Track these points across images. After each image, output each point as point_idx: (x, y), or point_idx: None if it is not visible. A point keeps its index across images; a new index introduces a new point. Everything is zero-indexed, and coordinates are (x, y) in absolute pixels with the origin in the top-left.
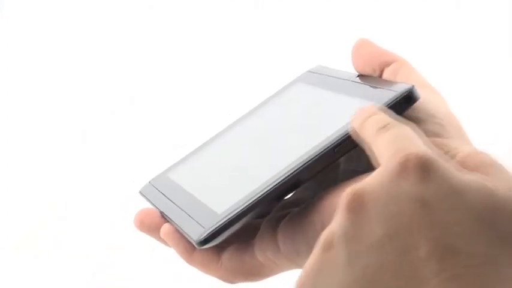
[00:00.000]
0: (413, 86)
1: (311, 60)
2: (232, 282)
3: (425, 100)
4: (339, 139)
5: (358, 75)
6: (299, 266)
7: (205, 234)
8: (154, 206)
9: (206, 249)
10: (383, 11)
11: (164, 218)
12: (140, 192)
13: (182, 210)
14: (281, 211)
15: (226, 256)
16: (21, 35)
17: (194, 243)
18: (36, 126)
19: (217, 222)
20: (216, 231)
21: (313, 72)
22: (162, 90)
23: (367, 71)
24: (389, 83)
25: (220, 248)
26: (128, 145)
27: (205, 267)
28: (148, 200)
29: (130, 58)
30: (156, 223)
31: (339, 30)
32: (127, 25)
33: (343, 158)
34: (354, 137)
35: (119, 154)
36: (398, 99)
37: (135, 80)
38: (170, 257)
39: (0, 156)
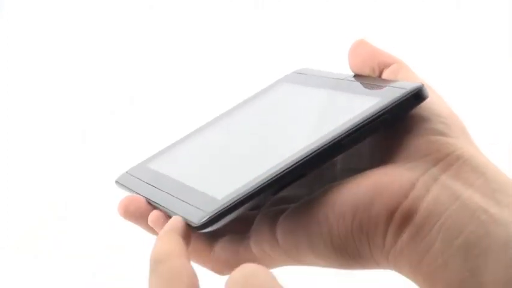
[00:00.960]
0: (422, 84)
1: (311, 60)
2: (223, 273)
3: (429, 100)
4: (348, 131)
5: (355, 75)
6: (296, 261)
7: (206, 217)
8: (137, 193)
9: (198, 238)
10: (383, 11)
11: (151, 204)
12: (117, 182)
13: (172, 196)
14: (277, 206)
15: (219, 246)
16: (21, 35)
17: (193, 227)
18: (36, 126)
19: (219, 206)
20: (219, 215)
21: (301, 74)
22: (162, 90)
23: (365, 70)
24: (393, 81)
25: (213, 239)
26: (128, 145)
27: (196, 256)
28: (128, 188)
29: (131, 58)
30: (142, 210)
31: (339, 30)
32: (127, 25)
33: (342, 157)
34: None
35: (119, 154)
36: (408, 96)
37: (135, 80)
38: None
39: (0, 156)
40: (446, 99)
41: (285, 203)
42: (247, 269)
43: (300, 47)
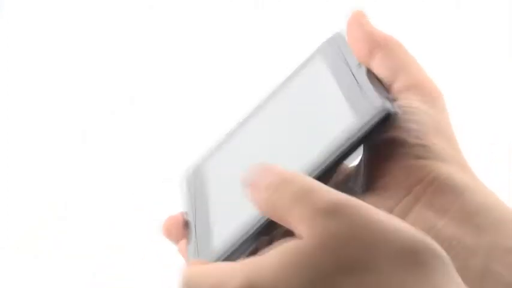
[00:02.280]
0: (391, 105)
1: None
2: None
3: (407, 114)
4: (321, 165)
5: (360, 66)
6: None
7: None
8: (183, 203)
9: None
10: (383, 10)
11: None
12: (181, 179)
13: (194, 225)
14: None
15: None
16: (21, 35)
17: None
18: (36, 126)
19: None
20: None
21: (331, 45)
22: (162, 90)
23: (362, 54)
24: (377, 92)
25: None
26: (128, 145)
27: None
28: (182, 192)
29: (131, 58)
30: (180, 235)
31: (339, 30)
32: (127, 25)
33: (335, 182)
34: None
35: (118, 154)
36: (377, 119)
37: (135, 80)
38: (170, 257)
39: (0, 156)
40: (446, 99)
41: None
42: None
43: (299, 47)
